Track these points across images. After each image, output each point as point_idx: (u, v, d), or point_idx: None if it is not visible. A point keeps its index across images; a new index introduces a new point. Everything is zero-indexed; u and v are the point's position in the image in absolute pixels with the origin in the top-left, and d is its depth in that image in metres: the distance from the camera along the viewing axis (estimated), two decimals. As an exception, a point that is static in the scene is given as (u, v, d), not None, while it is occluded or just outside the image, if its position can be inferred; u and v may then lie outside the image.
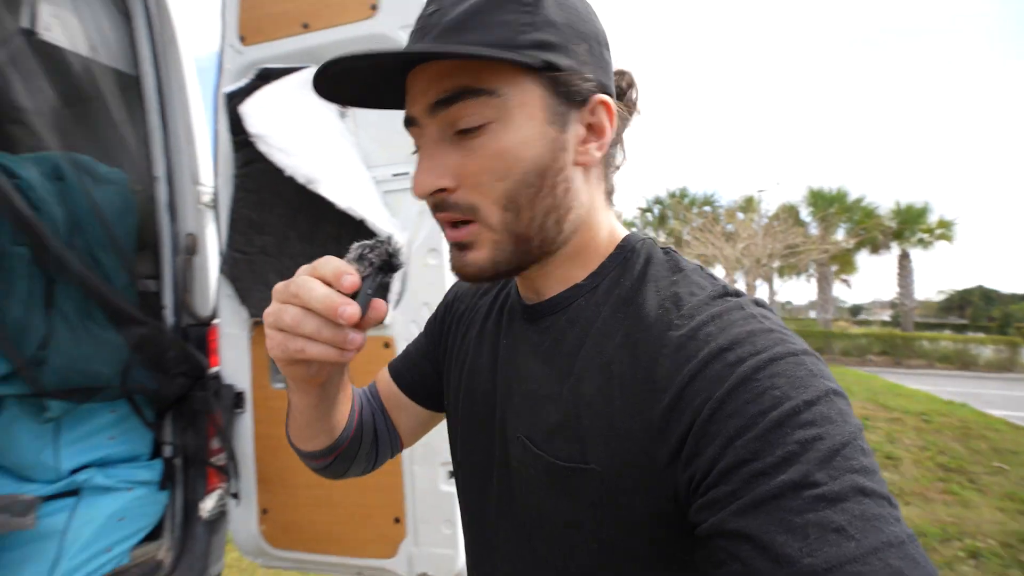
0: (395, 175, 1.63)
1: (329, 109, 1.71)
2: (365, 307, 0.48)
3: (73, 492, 1.68)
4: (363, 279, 0.48)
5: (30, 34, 1.72)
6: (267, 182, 1.69)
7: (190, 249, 1.92)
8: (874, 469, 0.36)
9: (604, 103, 0.52)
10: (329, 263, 0.48)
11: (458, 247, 0.53)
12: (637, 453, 0.45)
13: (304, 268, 0.49)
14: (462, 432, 0.68)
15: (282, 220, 1.67)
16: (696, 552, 0.42)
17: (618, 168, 0.61)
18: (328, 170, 1.62)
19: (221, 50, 1.76)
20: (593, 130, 0.53)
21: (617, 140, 0.58)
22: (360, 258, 0.49)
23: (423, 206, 1.69)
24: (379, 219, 1.58)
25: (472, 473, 0.65)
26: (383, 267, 0.50)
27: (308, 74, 1.69)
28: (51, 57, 1.78)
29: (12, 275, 1.49)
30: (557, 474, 0.51)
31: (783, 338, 0.43)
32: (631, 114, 0.60)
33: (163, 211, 1.91)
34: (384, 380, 0.79)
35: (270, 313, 0.49)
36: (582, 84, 0.50)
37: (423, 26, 0.49)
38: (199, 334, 1.90)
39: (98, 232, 1.65)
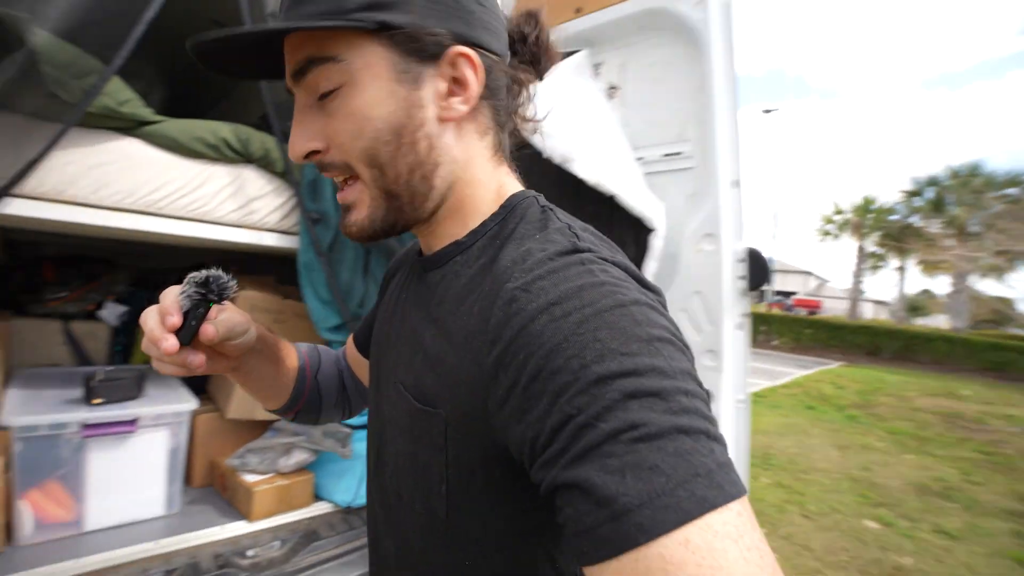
0: (665, 155, 1.57)
1: (597, 90, 1.73)
2: (189, 338, 0.57)
3: (374, 426, 2.05)
4: (185, 314, 0.58)
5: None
6: (535, 166, 1.79)
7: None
8: (694, 408, 0.38)
9: (463, 55, 0.52)
10: (165, 299, 0.59)
11: (345, 209, 0.58)
12: (473, 401, 0.48)
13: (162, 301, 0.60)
14: (371, 375, 0.72)
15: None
16: (541, 503, 0.43)
17: (529, 122, 0.63)
18: (585, 148, 1.63)
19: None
20: (457, 83, 0.53)
21: (496, 92, 0.58)
22: (187, 296, 0.58)
23: (695, 187, 1.60)
24: (633, 196, 1.54)
25: (370, 421, 0.70)
26: (202, 302, 0.59)
27: (580, 58, 1.73)
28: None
29: (344, 244, 1.85)
30: (415, 416, 0.55)
31: (614, 290, 0.43)
32: (540, 60, 0.61)
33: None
34: (350, 344, 0.89)
35: None
36: (428, 39, 0.51)
37: (282, 1, 0.52)
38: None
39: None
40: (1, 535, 1.59)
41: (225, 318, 0.62)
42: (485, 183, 0.59)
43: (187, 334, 0.58)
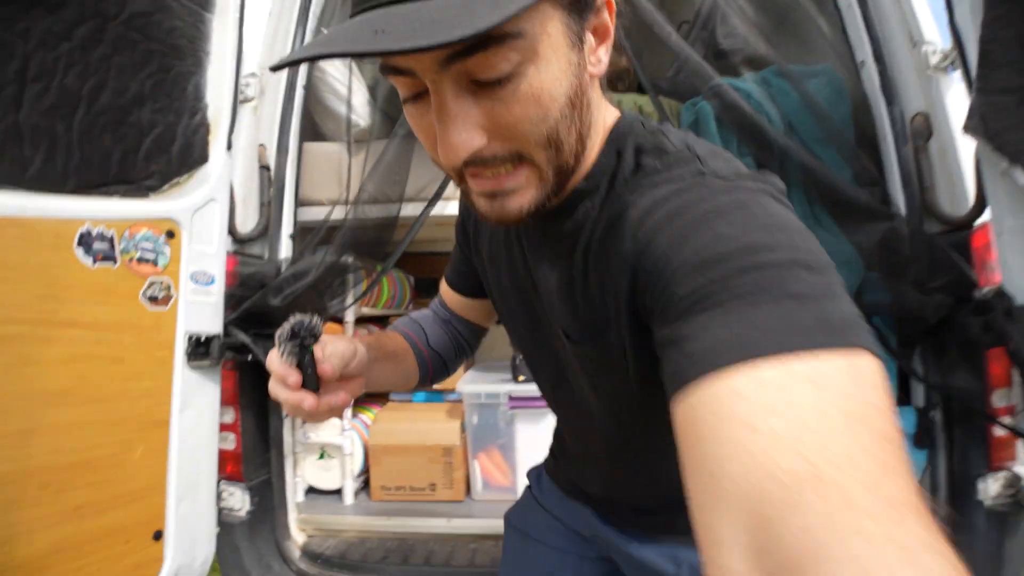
0: None
1: None
2: (315, 383, 0.59)
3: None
4: (298, 367, 0.58)
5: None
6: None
7: (921, 133, 1.41)
8: (813, 267, 0.38)
9: (608, 1, 0.49)
10: (273, 366, 0.59)
11: (492, 195, 0.49)
12: (622, 324, 0.52)
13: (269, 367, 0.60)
14: (516, 327, 0.74)
15: None
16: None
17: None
18: None
19: None
20: (598, 33, 0.49)
21: None
22: (288, 353, 0.58)
23: None
24: None
25: (532, 359, 0.75)
26: (303, 350, 0.58)
27: None
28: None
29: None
30: (583, 357, 0.61)
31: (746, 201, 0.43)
32: None
33: (876, 95, 1.49)
34: (447, 293, 0.91)
35: None
36: None
37: None
38: (955, 242, 1.35)
39: (812, 126, 1.42)
40: (463, 486, 1.85)
41: (331, 351, 0.60)
42: (600, 121, 0.56)
43: (312, 382, 0.59)
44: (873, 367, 0.32)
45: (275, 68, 0.43)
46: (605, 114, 0.56)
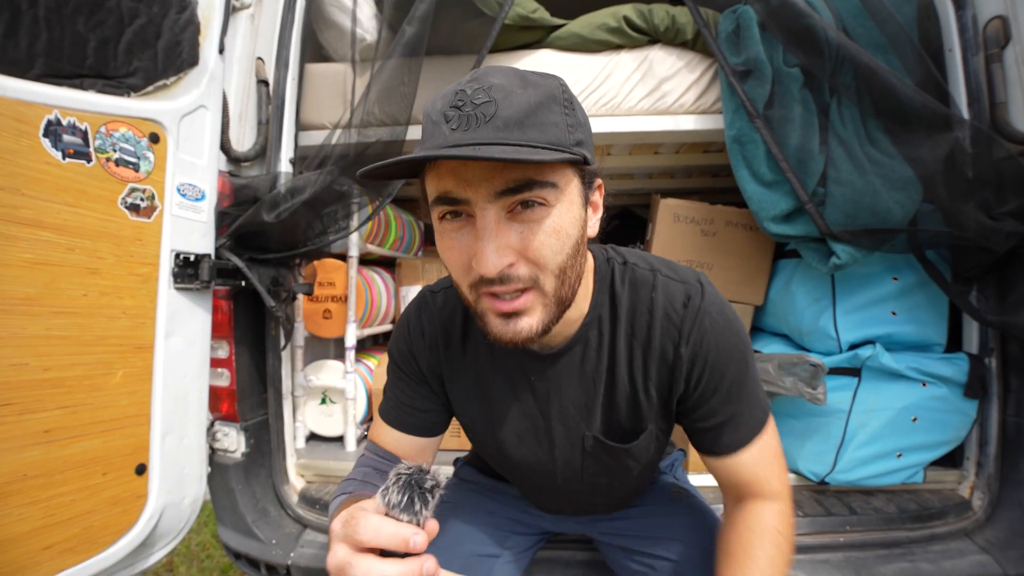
0: None
1: None
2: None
3: (854, 371, 1.38)
4: (416, 516, 0.49)
5: None
6: None
7: (996, 40, 1.26)
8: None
9: (600, 184, 0.66)
10: (390, 537, 0.47)
11: (507, 316, 0.59)
12: (656, 413, 0.76)
13: (364, 538, 0.48)
14: (510, 447, 0.82)
15: None
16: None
17: None
18: None
19: None
20: (591, 205, 0.65)
21: None
22: (404, 507, 0.48)
23: None
24: None
25: (532, 468, 0.84)
26: (423, 498, 0.49)
27: None
28: None
29: (788, 97, 1.30)
30: (611, 454, 0.79)
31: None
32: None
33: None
34: (392, 439, 0.84)
35: None
36: (593, 172, 0.63)
37: (472, 113, 0.54)
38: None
39: (870, 31, 1.26)
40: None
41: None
42: (588, 270, 0.73)
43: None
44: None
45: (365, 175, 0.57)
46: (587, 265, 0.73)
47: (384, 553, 0.48)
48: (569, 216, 0.58)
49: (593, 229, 0.66)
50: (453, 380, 0.82)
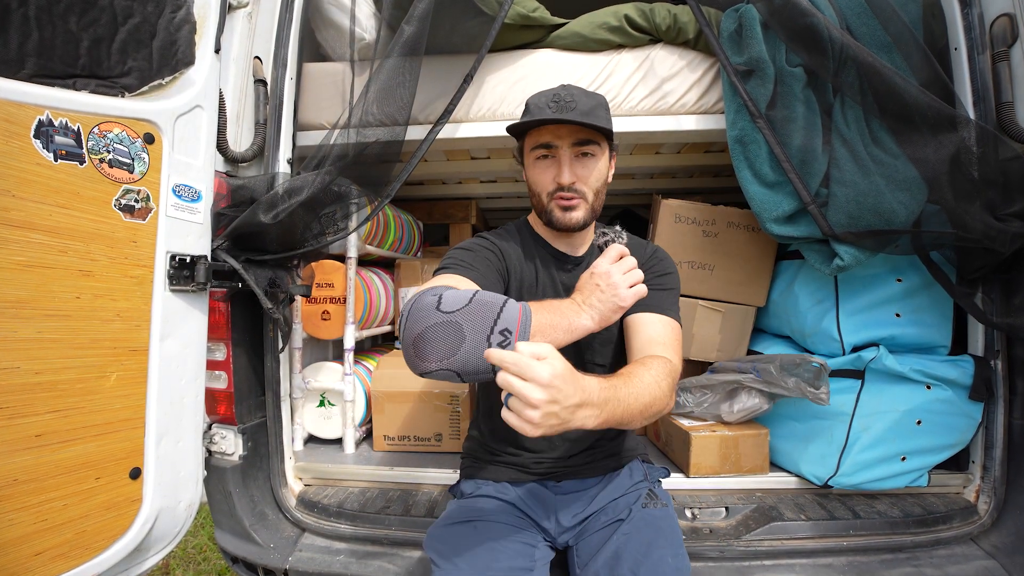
0: None
1: None
2: None
3: (857, 373, 1.36)
4: None
5: None
6: None
7: (1003, 38, 1.24)
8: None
9: (615, 154, 1.16)
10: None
11: (565, 209, 1.07)
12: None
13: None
14: None
15: None
16: None
17: None
18: None
19: None
20: (612, 162, 1.15)
21: None
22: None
23: None
24: None
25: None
26: None
27: None
28: None
29: (791, 99, 1.28)
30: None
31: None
32: None
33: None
34: (462, 283, 0.98)
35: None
36: (615, 145, 1.15)
37: (563, 105, 1.03)
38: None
39: (875, 29, 1.24)
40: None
41: None
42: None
43: None
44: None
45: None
46: None
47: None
48: (603, 163, 1.09)
49: (609, 176, 1.13)
50: (508, 270, 1.13)
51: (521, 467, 1.16)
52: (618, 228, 1.11)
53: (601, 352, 1.15)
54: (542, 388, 0.66)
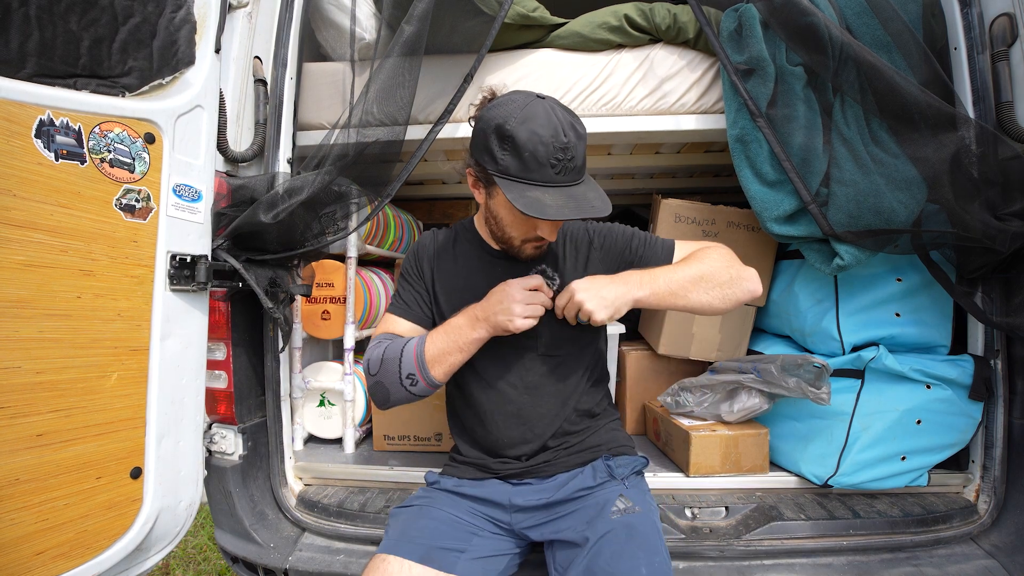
0: None
1: None
2: None
3: (857, 373, 1.36)
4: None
5: None
6: None
7: (1004, 37, 1.24)
8: None
9: None
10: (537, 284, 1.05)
11: (537, 249, 1.10)
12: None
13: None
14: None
15: None
16: None
17: None
18: None
19: None
20: None
21: None
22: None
23: None
24: None
25: (503, 346, 1.12)
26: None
27: None
28: None
29: (791, 98, 1.29)
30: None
31: None
32: None
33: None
34: (404, 328, 1.15)
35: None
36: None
37: (564, 167, 0.96)
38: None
39: (874, 29, 1.25)
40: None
41: None
42: None
43: None
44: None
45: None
46: None
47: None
48: None
49: None
50: (444, 280, 1.17)
51: (484, 468, 1.17)
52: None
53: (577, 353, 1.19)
54: (580, 291, 1.01)
